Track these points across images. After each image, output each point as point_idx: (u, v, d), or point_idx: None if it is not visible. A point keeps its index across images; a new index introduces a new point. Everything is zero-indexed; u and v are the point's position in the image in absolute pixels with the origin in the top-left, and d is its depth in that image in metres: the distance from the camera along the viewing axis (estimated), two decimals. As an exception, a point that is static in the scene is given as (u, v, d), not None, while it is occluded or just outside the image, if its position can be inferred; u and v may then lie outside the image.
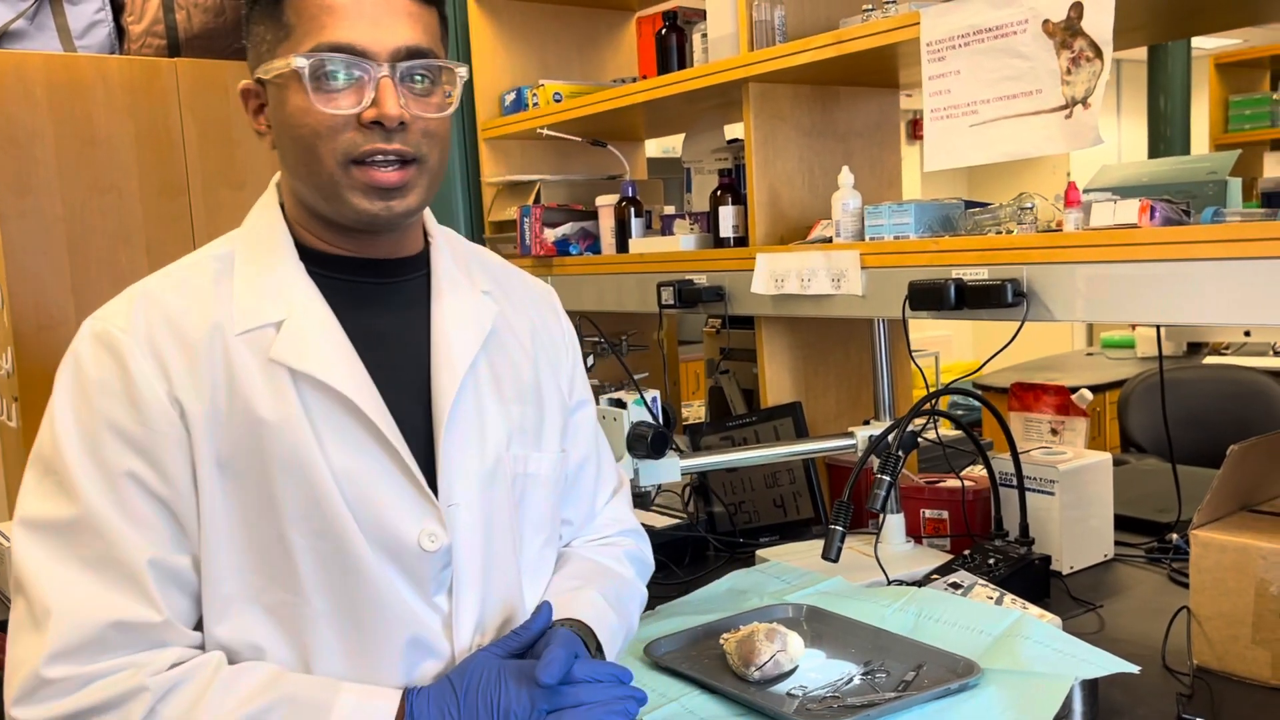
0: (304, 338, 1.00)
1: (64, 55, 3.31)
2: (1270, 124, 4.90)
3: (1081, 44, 1.37)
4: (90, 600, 0.94)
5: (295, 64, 0.97)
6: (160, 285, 1.03)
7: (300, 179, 1.03)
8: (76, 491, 0.95)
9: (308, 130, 0.99)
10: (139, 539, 0.96)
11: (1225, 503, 1.37)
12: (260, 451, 0.98)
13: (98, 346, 0.98)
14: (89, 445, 0.96)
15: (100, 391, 0.97)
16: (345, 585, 1.00)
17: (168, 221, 3.41)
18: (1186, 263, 1.33)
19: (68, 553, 0.95)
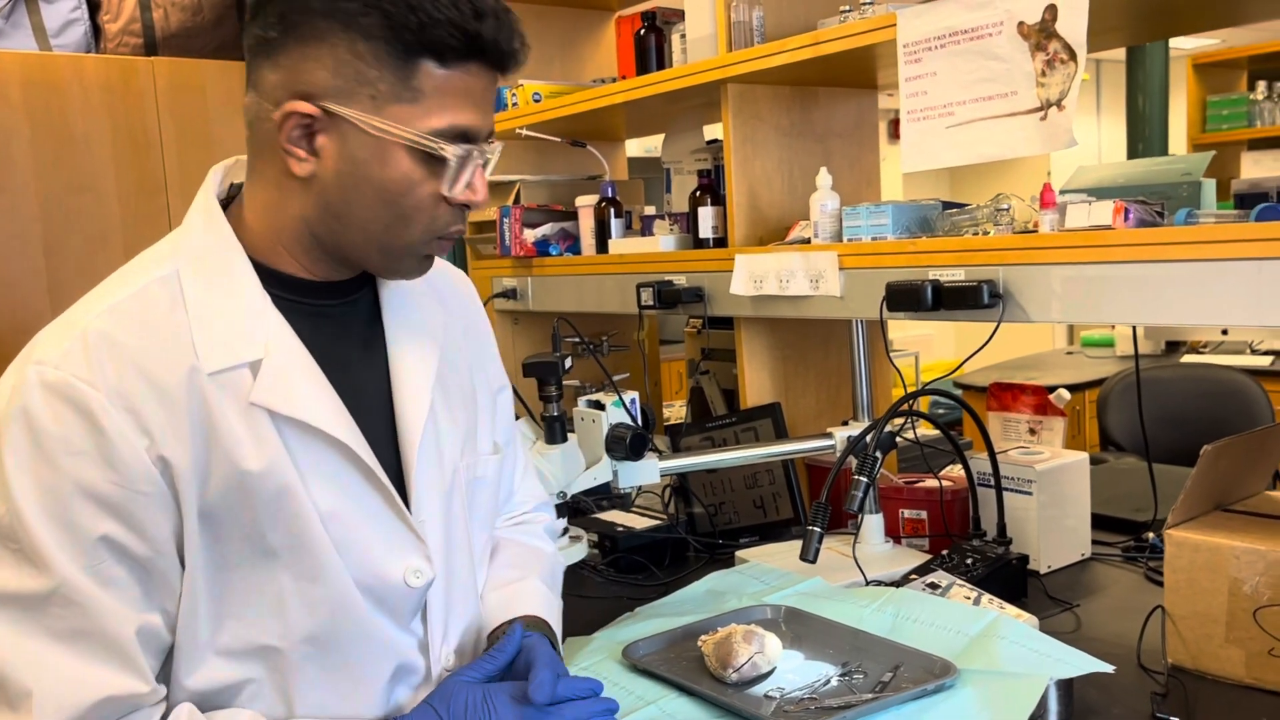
0: (285, 379, 0.95)
1: (39, 54, 3.28)
2: (1247, 124, 4.94)
3: (1056, 46, 1.37)
4: (74, 677, 0.88)
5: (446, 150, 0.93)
6: (113, 324, 0.91)
7: (351, 229, 0.96)
8: (46, 562, 0.87)
9: (410, 204, 0.95)
10: (120, 607, 0.89)
11: (1200, 502, 1.38)
12: (245, 499, 0.93)
13: (56, 400, 0.87)
14: (55, 510, 0.87)
15: (65, 451, 0.87)
16: (333, 626, 0.98)
17: (145, 222, 3.39)
18: (1160, 264, 1.34)
19: (37, 627, 0.87)
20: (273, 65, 0.94)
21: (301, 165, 0.95)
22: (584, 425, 1.65)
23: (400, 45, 0.90)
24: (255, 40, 0.96)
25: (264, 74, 0.95)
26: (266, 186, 0.99)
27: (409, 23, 0.89)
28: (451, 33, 0.90)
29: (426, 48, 0.91)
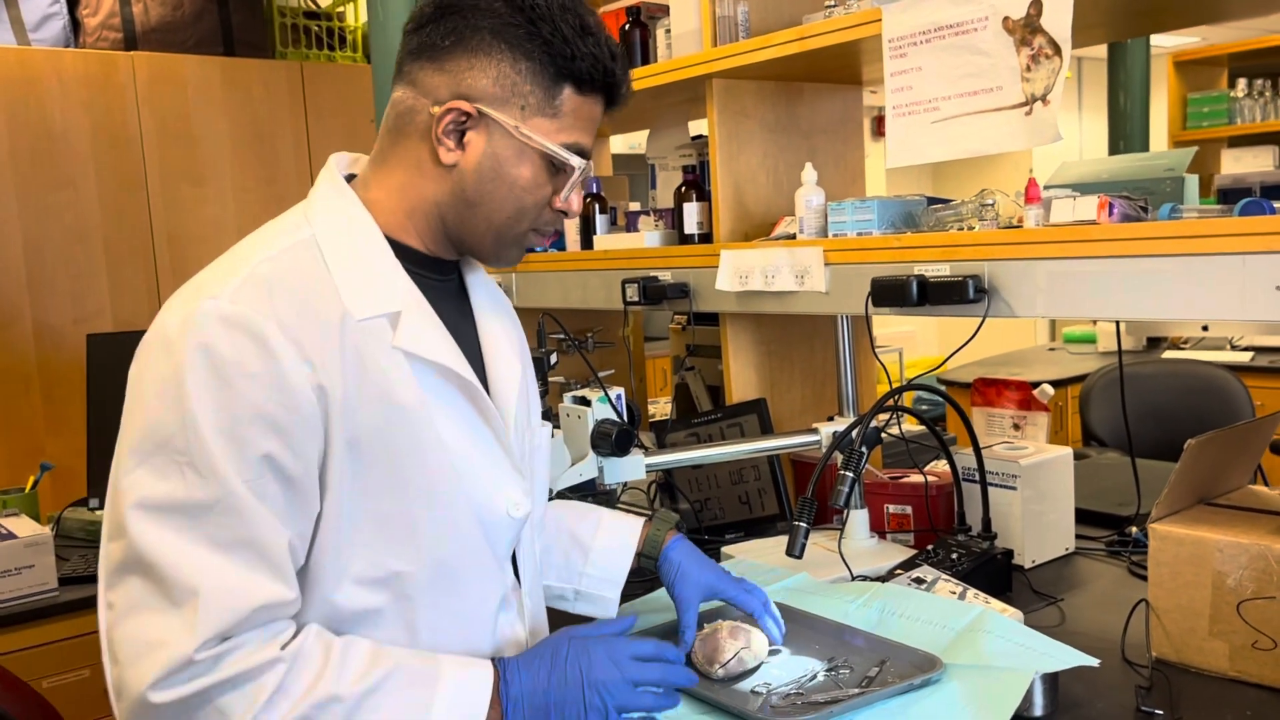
0: (421, 329, 1.08)
1: (17, 48, 3.24)
2: (1228, 121, 4.97)
3: (1041, 41, 1.38)
4: (235, 583, 0.96)
5: (574, 162, 1.11)
6: (274, 269, 1.03)
7: (478, 216, 1.12)
8: (215, 472, 0.95)
9: (530, 201, 1.12)
10: (275, 521, 0.98)
11: (1183, 496, 1.38)
12: (389, 432, 1.04)
13: (232, 330, 0.97)
14: (227, 427, 0.96)
15: (240, 374, 0.97)
16: (454, 552, 1.10)
17: (125, 218, 3.36)
18: (1144, 259, 1.34)
19: (200, 534, 0.95)
20: (438, 68, 1.09)
21: (449, 154, 1.09)
22: (570, 421, 1.64)
23: (552, 69, 1.08)
24: (422, 44, 1.11)
25: (427, 74, 1.10)
26: (406, 170, 1.12)
27: (563, 53, 1.07)
28: (595, 67, 1.09)
29: (571, 75, 1.09)
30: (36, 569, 1.91)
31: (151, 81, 3.41)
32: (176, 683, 0.93)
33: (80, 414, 3.22)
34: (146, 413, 0.98)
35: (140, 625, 0.94)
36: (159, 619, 0.94)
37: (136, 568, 0.95)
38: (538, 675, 1.08)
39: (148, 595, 0.95)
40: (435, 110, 1.08)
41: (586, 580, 1.39)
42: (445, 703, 1.02)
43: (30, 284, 3.21)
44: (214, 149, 3.52)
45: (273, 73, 3.62)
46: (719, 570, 1.36)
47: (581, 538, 1.40)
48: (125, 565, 0.96)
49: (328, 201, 1.12)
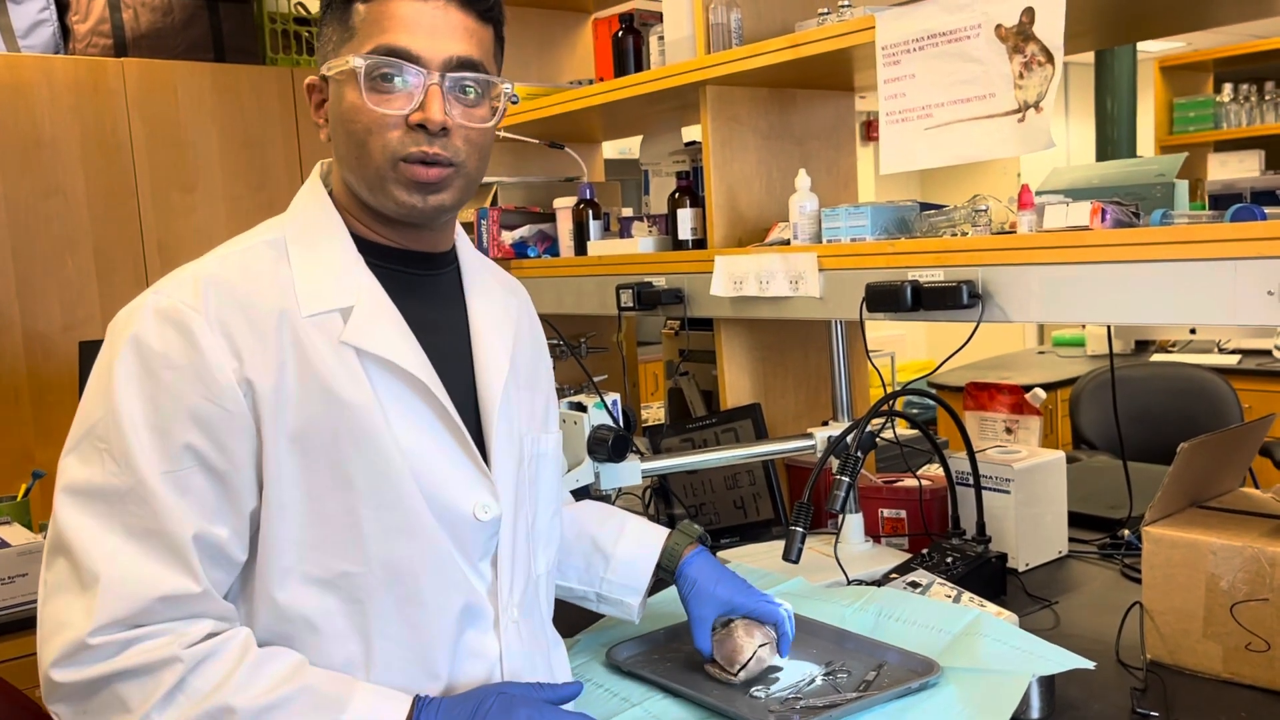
0: (372, 323, 1.06)
1: (6, 55, 3.23)
2: (1213, 126, 5.01)
3: (1033, 49, 1.39)
4: (138, 571, 0.96)
5: (353, 63, 1.04)
6: (221, 269, 1.04)
7: (350, 170, 1.09)
8: (131, 462, 0.96)
9: (360, 126, 1.06)
10: (186, 512, 0.98)
11: (1176, 499, 1.40)
12: (333, 428, 1.02)
13: (163, 322, 0.99)
14: (149, 417, 0.97)
15: (165, 365, 0.98)
16: (408, 554, 1.05)
17: (116, 225, 3.35)
18: (1137, 264, 1.35)
19: (115, 522, 0.97)
20: None
21: (322, 130, 1.11)
22: (566, 427, 1.65)
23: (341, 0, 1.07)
24: None
25: None
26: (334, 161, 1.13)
27: None
28: None
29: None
30: (30, 577, 1.90)
31: (142, 88, 3.40)
32: (75, 664, 0.94)
33: (69, 421, 3.21)
34: (85, 402, 1.00)
35: (55, 606, 0.97)
36: (68, 600, 0.96)
37: (59, 549, 0.98)
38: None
39: (64, 577, 0.97)
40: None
41: (608, 586, 1.37)
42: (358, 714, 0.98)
43: (20, 291, 3.20)
44: (204, 155, 3.51)
45: (263, 79, 3.62)
46: (736, 582, 1.34)
47: (603, 544, 1.38)
48: (53, 547, 0.99)
49: (301, 204, 1.14)
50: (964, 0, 1.47)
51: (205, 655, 0.97)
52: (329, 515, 1.03)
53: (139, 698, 0.95)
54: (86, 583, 0.95)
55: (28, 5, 3.33)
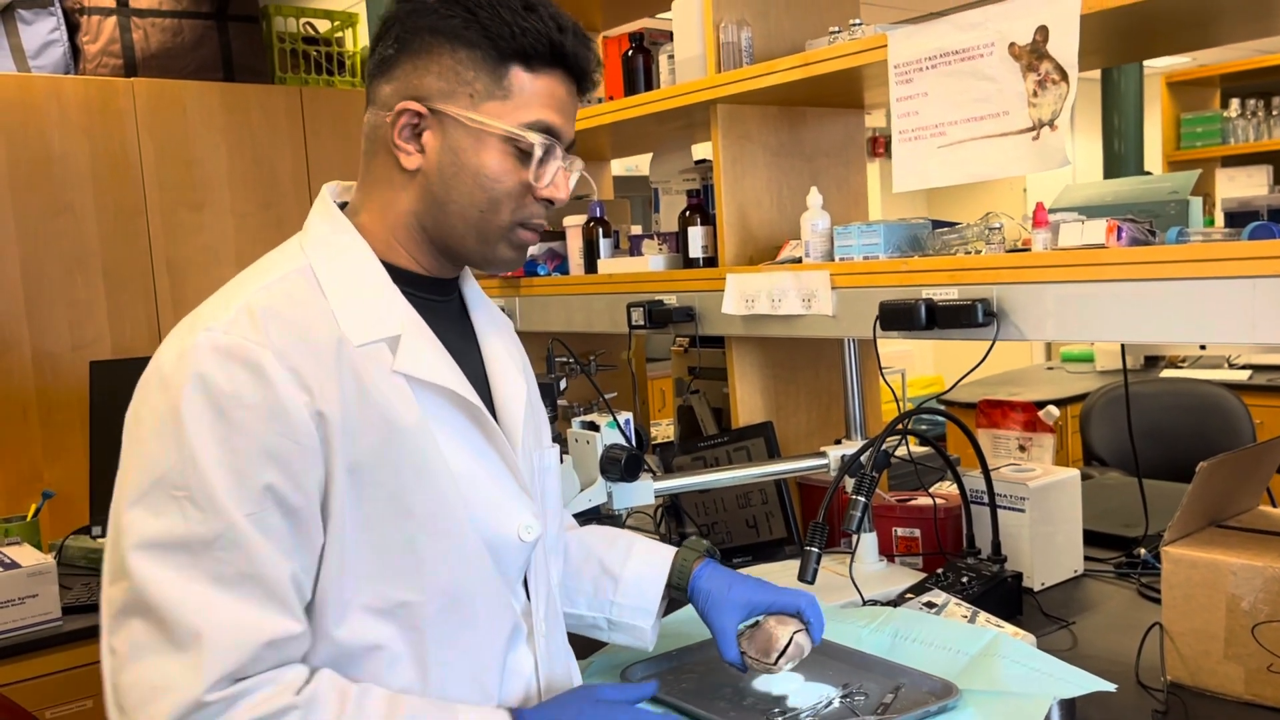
0: (421, 352, 1.07)
1: (17, 75, 3.25)
2: (1221, 141, 5.00)
3: (1047, 67, 1.39)
4: (240, 619, 0.94)
5: (531, 138, 1.06)
6: (270, 299, 1.02)
7: (455, 217, 1.09)
8: (216, 506, 0.93)
9: (501, 190, 1.08)
10: (279, 553, 0.96)
11: (1195, 519, 1.39)
12: (393, 458, 1.03)
13: (227, 360, 0.96)
14: (227, 460, 0.94)
15: (237, 405, 0.95)
16: (464, 580, 1.07)
17: (125, 243, 3.36)
18: (1154, 282, 1.35)
19: (201, 571, 0.93)
20: (388, 79, 1.09)
21: (410, 159, 1.08)
22: (578, 447, 1.64)
23: (495, 52, 1.06)
24: (376, 62, 1.10)
25: (380, 88, 1.10)
26: (380, 187, 1.11)
27: (503, 33, 1.05)
28: (538, 41, 1.06)
29: (517, 54, 1.06)
30: (40, 598, 1.90)
31: (151, 107, 3.42)
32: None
33: (79, 441, 3.21)
34: (144, 450, 0.96)
35: (145, 670, 0.92)
36: (164, 662, 0.91)
37: (137, 610, 0.93)
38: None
39: (151, 638, 0.92)
40: (388, 118, 1.08)
41: (618, 610, 1.35)
42: None
43: (29, 310, 3.21)
44: (213, 174, 3.52)
45: (272, 98, 3.63)
46: (750, 583, 1.31)
47: (611, 566, 1.37)
48: (126, 608, 0.94)
49: (321, 230, 1.11)
50: (977, 18, 1.47)
51: (312, 699, 0.96)
52: (388, 545, 1.03)
53: None
54: (183, 641, 0.91)
55: (38, 26, 3.35)
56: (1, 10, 3.28)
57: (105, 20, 3.45)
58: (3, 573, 1.87)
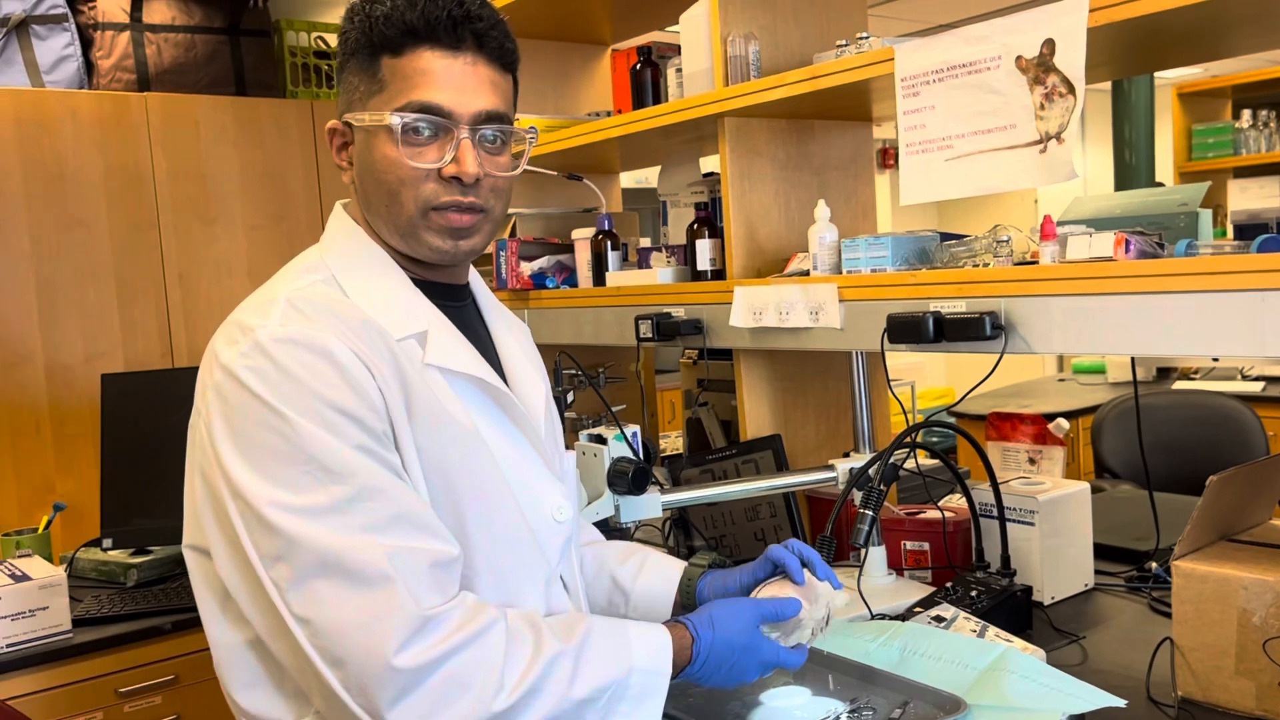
0: (450, 346, 1.12)
1: (32, 90, 3.28)
2: (1232, 152, 4.99)
3: (1054, 80, 1.39)
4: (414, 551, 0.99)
5: (390, 120, 1.09)
6: (306, 296, 1.06)
7: (380, 217, 1.14)
8: (345, 468, 0.99)
9: (394, 179, 1.11)
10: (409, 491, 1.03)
11: (1206, 533, 1.38)
12: (441, 444, 1.08)
13: (295, 348, 1.01)
14: (328, 428, 0.99)
15: (316, 381, 1.00)
16: (510, 561, 1.12)
17: (137, 256, 3.38)
18: (1162, 295, 1.34)
19: (356, 525, 0.98)
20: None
21: (345, 174, 1.16)
22: (586, 459, 1.64)
23: (366, 52, 1.10)
24: None
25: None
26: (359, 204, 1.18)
27: (364, 29, 1.09)
28: (390, 25, 1.08)
29: (380, 45, 1.09)
30: (51, 610, 1.91)
31: (164, 121, 3.44)
32: (419, 643, 0.96)
33: (90, 453, 3.23)
34: (255, 445, 0.99)
35: (350, 614, 0.96)
36: (365, 602, 0.96)
37: (314, 573, 0.97)
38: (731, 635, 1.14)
39: (341, 590, 0.97)
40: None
41: None
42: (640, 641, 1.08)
43: (42, 322, 3.23)
44: (225, 187, 3.55)
45: (283, 111, 3.66)
46: (744, 569, 1.33)
47: (622, 581, 1.39)
48: (300, 578, 0.97)
49: (336, 239, 1.16)
50: (983, 32, 1.47)
51: (499, 614, 1.02)
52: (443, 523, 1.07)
53: (485, 667, 0.98)
54: (373, 579, 0.97)
55: (52, 41, 3.38)
56: (16, 26, 3.31)
57: (119, 35, 3.48)
58: (14, 585, 1.87)
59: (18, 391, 3.18)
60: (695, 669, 1.13)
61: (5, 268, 3.16)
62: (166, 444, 2.23)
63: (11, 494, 3.15)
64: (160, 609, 2.03)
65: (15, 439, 3.17)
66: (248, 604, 1.02)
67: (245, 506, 0.99)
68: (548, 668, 1.01)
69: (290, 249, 3.54)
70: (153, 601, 2.06)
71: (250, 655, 1.08)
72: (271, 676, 1.07)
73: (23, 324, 3.19)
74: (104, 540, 2.22)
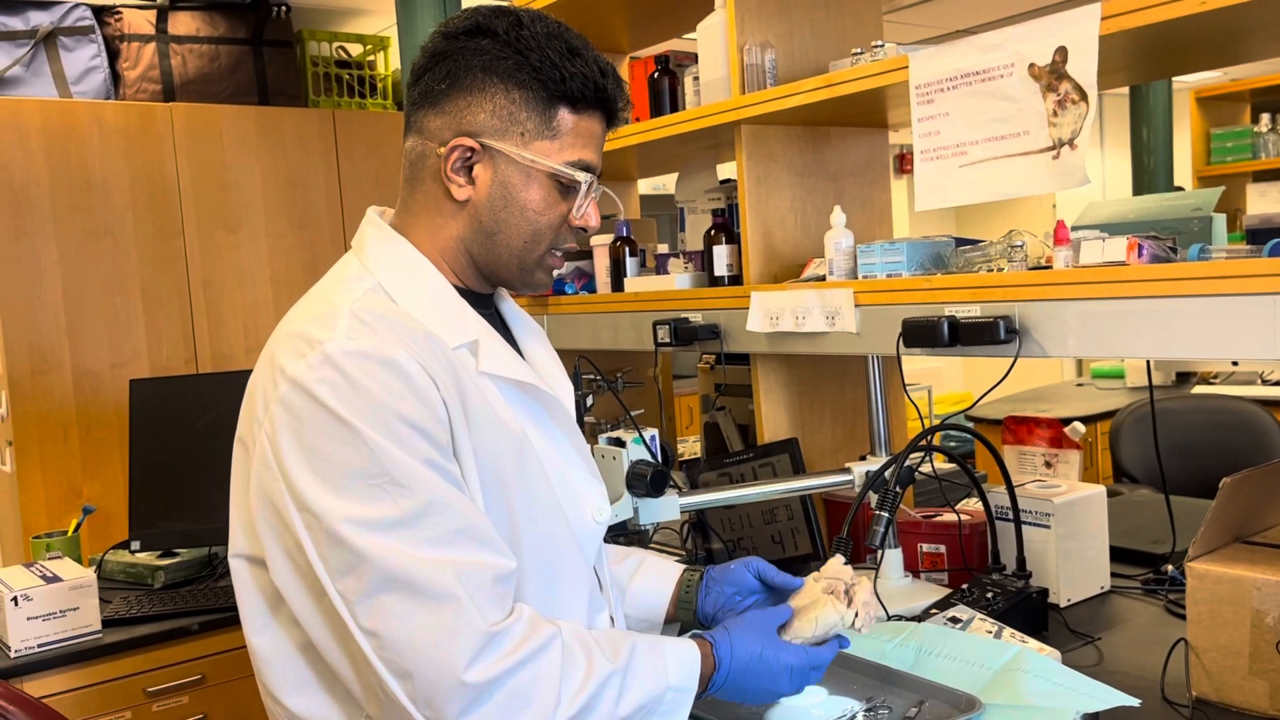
0: (499, 353, 1.16)
1: (59, 101, 3.34)
2: (1251, 156, 4.97)
3: (1067, 87, 1.40)
4: (476, 566, 1.02)
5: (579, 177, 1.16)
6: (367, 309, 1.08)
7: (499, 245, 1.17)
8: (415, 483, 1.01)
9: (543, 223, 1.17)
10: (470, 505, 1.05)
11: (1220, 534, 1.39)
12: (496, 450, 1.11)
13: (365, 361, 1.03)
14: (398, 441, 1.01)
15: (386, 394, 1.02)
16: (557, 563, 1.16)
17: (163, 265, 3.43)
18: (1175, 299, 1.36)
19: (423, 539, 1.01)
20: (438, 112, 1.15)
21: (461, 190, 1.15)
22: (605, 462, 1.66)
23: (545, 94, 1.13)
24: (422, 93, 1.17)
25: (429, 119, 1.16)
26: (428, 214, 1.18)
27: (553, 76, 1.13)
28: (585, 85, 1.14)
29: (565, 97, 1.14)
30: (81, 611, 1.94)
31: (189, 131, 3.50)
32: (490, 655, 0.99)
33: (117, 457, 3.28)
34: (327, 457, 1.01)
35: (420, 630, 0.99)
36: (433, 618, 0.99)
37: (383, 587, 0.99)
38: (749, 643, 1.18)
39: (410, 604, 0.99)
40: (441, 151, 1.14)
41: (626, 622, 1.40)
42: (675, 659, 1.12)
43: (70, 329, 3.28)
44: (248, 195, 3.60)
45: (306, 121, 3.70)
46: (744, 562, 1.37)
47: (619, 578, 1.42)
48: (369, 591, 0.99)
49: (380, 249, 1.17)
50: (996, 40, 1.49)
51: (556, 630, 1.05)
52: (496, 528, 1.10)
53: (547, 680, 1.01)
54: (440, 595, 0.99)
55: (79, 53, 3.45)
56: (44, 38, 3.38)
57: (145, 47, 3.54)
58: (45, 586, 1.91)
59: (46, 397, 3.23)
60: (721, 677, 1.16)
61: (33, 275, 3.22)
62: (193, 448, 2.27)
63: (40, 498, 3.20)
64: (187, 610, 2.07)
65: (44, 444, 3.22)
66: (307, 613, 1.05)
67: (313, 519, 1.01)
68: (600, 686, 1.04)
69: (312, 257, 3.60)
70: (180, 603, 2.10)
71: (301, 660, 1.10)
72: (323, 680, 1.10)
73: (51, 331, 3.25)
74: (132, 543, 2.26)
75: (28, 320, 3.22)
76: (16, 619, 1.88)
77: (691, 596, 1.39)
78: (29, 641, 1.89)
